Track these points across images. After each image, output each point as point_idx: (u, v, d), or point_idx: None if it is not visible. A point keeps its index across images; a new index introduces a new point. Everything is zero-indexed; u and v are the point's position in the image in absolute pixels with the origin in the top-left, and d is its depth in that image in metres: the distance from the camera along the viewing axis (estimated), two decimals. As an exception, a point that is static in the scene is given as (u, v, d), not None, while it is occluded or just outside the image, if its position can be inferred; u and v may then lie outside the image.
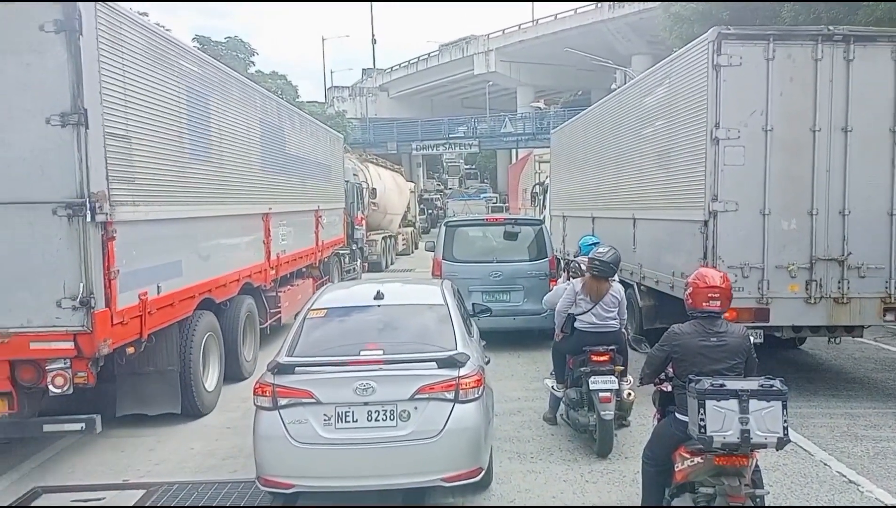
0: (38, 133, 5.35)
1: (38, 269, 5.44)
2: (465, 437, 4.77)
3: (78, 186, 5.41)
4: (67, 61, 5.32)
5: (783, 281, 7.46)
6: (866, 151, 7.47)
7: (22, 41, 5.32)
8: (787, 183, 7.48)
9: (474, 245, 11.17)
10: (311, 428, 4.67)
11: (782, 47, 7.39)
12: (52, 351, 5.46)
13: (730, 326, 4.37)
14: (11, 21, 5.32)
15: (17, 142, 5.38)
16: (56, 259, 5.44)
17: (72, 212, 5.41)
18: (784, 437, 3.84)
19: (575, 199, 14.65)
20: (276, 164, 10.65)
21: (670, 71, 8.82)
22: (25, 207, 5.42)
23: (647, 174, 9.77)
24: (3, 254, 5.41)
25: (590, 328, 6.49)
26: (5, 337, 5.41)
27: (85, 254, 5.47)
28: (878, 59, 7.46)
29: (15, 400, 5.59)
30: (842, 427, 6.83)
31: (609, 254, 6.58)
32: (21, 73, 5.34)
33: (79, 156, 5.39)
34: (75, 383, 5.54)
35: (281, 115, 11.26)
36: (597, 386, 6.05)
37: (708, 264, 7.48)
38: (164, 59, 6.87)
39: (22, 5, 5.32)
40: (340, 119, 33.39)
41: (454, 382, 4.76)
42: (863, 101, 7.43)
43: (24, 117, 5.37)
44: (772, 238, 7.47)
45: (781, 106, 7.39)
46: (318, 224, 13.47)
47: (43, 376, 5.52)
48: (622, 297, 6.64)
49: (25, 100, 5.36)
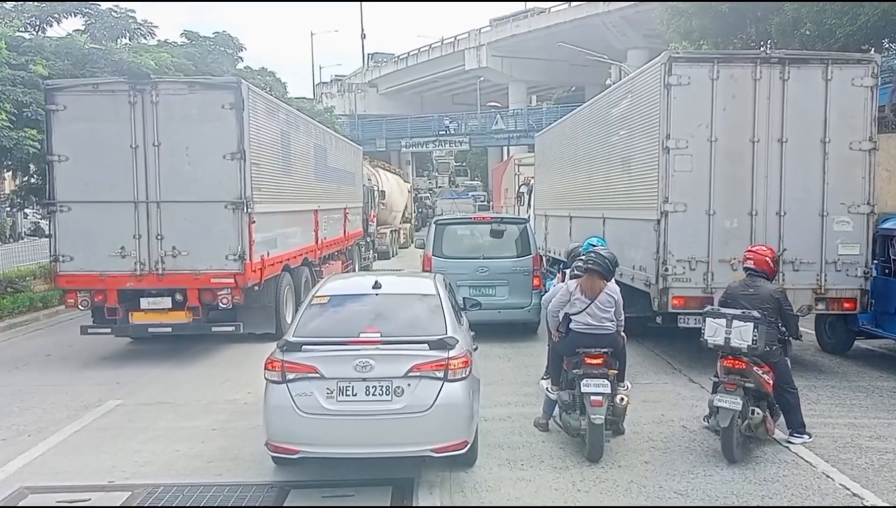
0: (219, 164, 9.44)
1: (217, 238, 9.49)
2: (452, 412, 5.22)
3: (239, 193, 9.47)
4: (235, 124, 9.41)
5: (726, 273, 8.47)
6: (800, 160, 8.53)
7: (213, 113, 9.45)
8: (730, 187, 8.53)
9: (462, 242, 11.75)
10: (315, 400, 5.14)
11: (726, 68, 8.45)
12: (222, 283, 9.51)
13: (764, 283, 6.43)
14: (209, 103, 9.49)
15: (209, 169, 9.46)
16: (226, 232, 9.50)
17: (235, 207, 9.47)
18: (753, 346, 5.84)
19: (555, 199, 15.72)
20: (322, 174, 14.66)
21: (632, 87, 9.88)
22: (212, 204, 9.48)
23: (613, 177, 10.84)
24: (200, 229, 9.50)
25: (584, 329, 6.33)
26: (198, 274, 9.51)
27: (241, 230, 9.51)
28: (810, 79, 8.50)
29: (200, 312, 9.72)
30: (845, 438, 6.51)
31: (607, 251, 6.70)
32: (212, 132, 9.46)
33: (239, 176, 9.46)
34: (234, 301, 9.59)
35: (325, 137, 15.50)
36: (588, 389, 5.94)
37: (660, 259, 8.56)
38: (271, 113, 11.06)
39: (214, 92, 9.53)
40: (329, 115, 34.03)
41: (444, 362, 5.22)
42: (797, 116, 8.49)
43: (212, 156, 9.45)
44: (716, 235, 8.53)
45: (725, 120, 8.45)
46: (346, 219, 17.22)
47: (216, 297, 9.56)
48: (619, 299, 6.47)
49: (213, 146, 9.44)
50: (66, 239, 9.53)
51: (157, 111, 9.37)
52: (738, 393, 5.88)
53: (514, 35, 49.41)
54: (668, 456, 6.08)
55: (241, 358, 10.00)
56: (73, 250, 9.50)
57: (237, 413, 7.41)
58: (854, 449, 6.23)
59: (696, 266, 8.56)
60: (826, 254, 8.58)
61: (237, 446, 6.38)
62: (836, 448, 6.26)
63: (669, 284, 8.59)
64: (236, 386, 8.48)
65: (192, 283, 9.52)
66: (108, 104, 9.43)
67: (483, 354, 8.40)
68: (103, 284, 9.51)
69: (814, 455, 6.05)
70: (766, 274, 6.55)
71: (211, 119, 9.40)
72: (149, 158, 9.38)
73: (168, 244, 9.47)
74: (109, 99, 9.44)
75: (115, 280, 9.48)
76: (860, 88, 8.42)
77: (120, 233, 9.42)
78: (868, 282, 8.65)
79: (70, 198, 9.47)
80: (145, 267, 9.46)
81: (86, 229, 9.49)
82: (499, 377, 8.79)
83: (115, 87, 9.51)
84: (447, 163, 62.88)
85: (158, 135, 9.38)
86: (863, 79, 8.40)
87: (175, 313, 9.65)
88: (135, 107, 9.36)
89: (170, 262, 9.48)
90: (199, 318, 9.69)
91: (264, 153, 10.34)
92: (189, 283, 9.52)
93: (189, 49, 26.38)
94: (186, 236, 9.47)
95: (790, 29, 15.73)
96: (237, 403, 7.80)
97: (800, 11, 15.17)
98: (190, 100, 9.45)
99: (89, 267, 9.47)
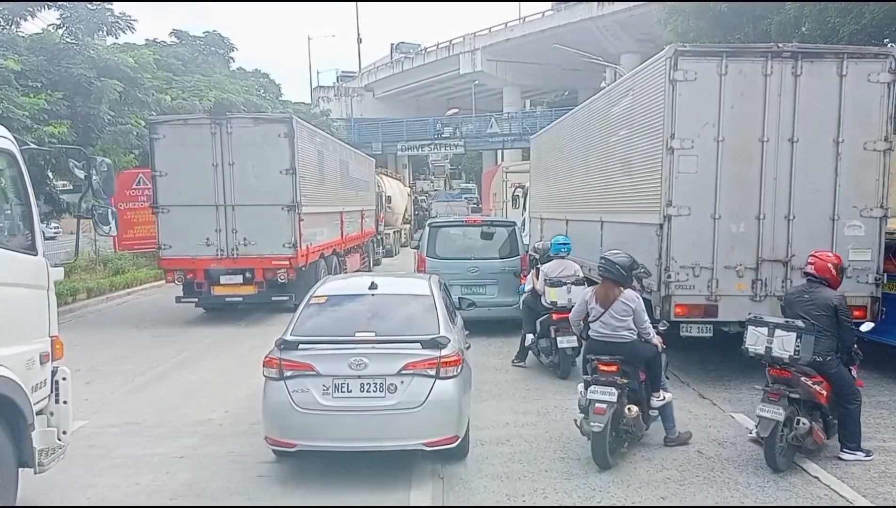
0: (277, 178, 12.80)
1: (276, 231, 12.88)
2: (444, 408, 5.43)
3: (292, 198, 12.89)
4: (288, 147, 12.80)
5: (731, 280, 8.03)
6: (811, 160, 8.03)
7: (272, 140, 12.80)
8: (737, 189, 8.03)
9: (455, 243, 12.30)
10: (311, 397, 5.35)
11: (734, 63, 7.94)
12: (280, 264, 12.95)
13: (822, 290, 5.97)
14: (269, 133, 12.85)
15: (270, 180, 12.80)
16: (283, 227, 12.91)
17: (289, 209, 12.91)
18: (795, 356, 5.54)
19: (551, 202, 15.22)
20: (345, 183, 18.26)
21: (633, 84, 9.36)
22: (272, 207, 12.88)
23: (612, 179, 10.32)
24: (264, 225, 12.86)
25: (598, 336, 6.20)
26: (263, 257, 12.92)
27: (293, 225, 12.93)
28: (823, 75, 7.99)
29: (264, 285, 13.13)
30: (878, 467, 5.88)
31: (619, 256, 6.32)
32: (272, 153, 12.75)
33: (292, 186, 12.86)
34: (288, 278, 12.98)
35: (347, 152, 19.41)
36: (594, 395, 5.81)
37: (662, 265, 8.06)
38: (312, 138, 14.57)
39: (273, 125, 12.98)
40: (325, 118, 33.65)
41: (436, 361, 5.42)
42: (809, 114, 7.99)
43: (272, 171, 12.79)
44: (721, 240, 8.03)
45: (733, 118, 7.94)
46: (363, 219, 20.82)
47: (275, 274, 12.97)
48: (637, 306, 6.15)
49: (273, 165, 12.78)
50: (166, 232, 13.05)
51: (231, 139, 12.74)
52: (781, 403, 5.63)
53: (508, 39, 49.61)
54: (685, 490, 5.48)
55: (223, 370, 9.58)
56: (172, 240, 13.01)
57: (210, 436, 6.86)
58: (890, 480, 5.63)
59: (700, 272, 8.06)
60: (837, 261, 8.09)
61: (205, 478, 5.80)
62: (870, 478, 5.66)
63: (672, 291, 8.09)
64: (214, 403, 7.97)
65: (258, 264, 12.99)
66: (195, 133, 12.79)
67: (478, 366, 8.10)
68: (193, 265, 13.03)
69: (846, 488, 5.45)
70: (828, 281, 6.07)
71: (270, 144, 12.77)
72: (226, 173, 12.80)
73: (240, 236, 12.95)
74: (196, 129, 12.84)
75: (202, 262, 12.99)
76: (876, 85, 7.91)
77: (205, 228, 12.91)
78: (879, 289, 8.17)
79: (169, 202, 12.96)
80: (224, 253, 12.95)
81: (180, 225, 12.96)
82: (496, 391, 8.31)
83: (201, 121, 13.03)
84: (442, 167, 62.96)
85: (233, 156, 12.77)
86: (879, 74, 7.90)
87: (245, 287, 13.12)
88: (215, 136, 12.76)
89: (242, 249, 12.99)
90: (262, 291, 13.17)
91: (307, 168, 13.77)
92: (256, 264, 12.99)
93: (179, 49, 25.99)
94: (254, 230, 12.93)
95: (790, 28, 15.32)
96: (211, 424, 7.24)
97: (802, 10, 14.74)
98: (255, 131, 12.91)
99: (183, 253, 13.04)
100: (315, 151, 14.58)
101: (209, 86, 21.89)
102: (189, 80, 21.71)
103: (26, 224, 4.98)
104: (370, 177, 23.43)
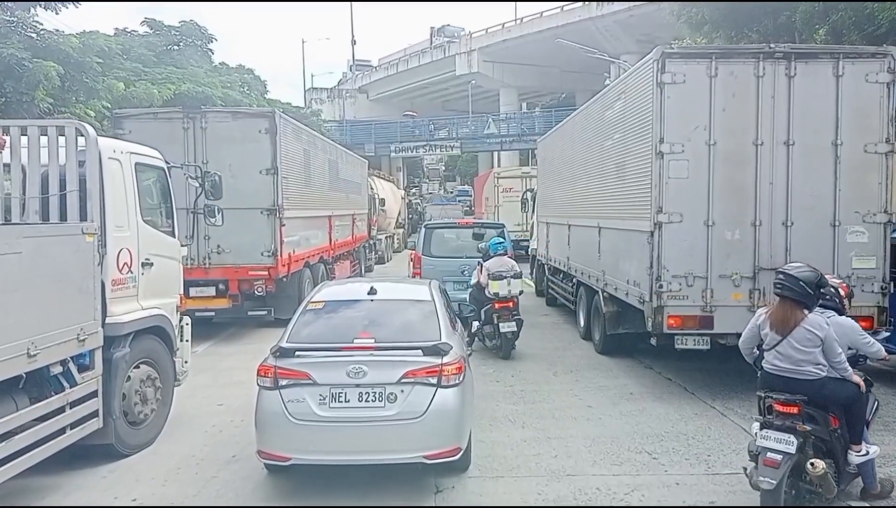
0: (257, 178, 11.60)
1: (254, 238, 11.62)
2: (445, 419, 5.20)
3: (273, 201, 11.73)
4: (270, 145, 11.68)
5: (727, 290, 7.70)
6: (809, 164, 7.72)
7: (252, 136, 11.67)
8: (731, 195, 7.72)
9: (448, 243, 13.31)
10: (307, 407, 5.10)
11: (724, 65, 7.64)
12: (257, 275, 11.64)
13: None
14: (249, 128, 11.74)
15: (250, 182, 11.47)
16: (261, 233, 11.67)
17: (269, 212, 11.70)
18: None
19: (555, 207, 14.86)
20: (334, 185, 16.85)
21: (625, 87, 9.06)
22: (250, 210, 11.50)
23: (607, 185, 10.01)
24: (242, 230, 11.38)
25: (774, 370, 4.94)
26: (238, 267, 11.63)
27: (273, 231, 11.71)
28: (819, 76, 7.70)
29: (240, 299, 11.80)
30: None
31: (802, 269, 4.95)
32: (251, 151, 11.60)
33: (273, 187, 11.70)
34: (266, 290, 11.71)
35: (337, 153, 17.80)
36: (766, 443, 4.61)
37: (654, 274, 7.74)
38: (297, 135, 13.44)
39: (253, 120, 11.93)
40: (316, 119, 33.10)
41: (437, 368, 5.20)
42: (805, 116, 7.69)
43: (251, 171, 11.55)
44: (716, 248, 7.71)
45: (724, 121, 7.63)
46: (354, 224, 19.57)
47: (252, 286, 11.65)
48: (827, 335, 4.80)
49: (252, 163, 11.59)
50: None
51: (206, 135, 11.57)
52: None
53: (505, 40, 49.16)
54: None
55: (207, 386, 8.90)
56: None
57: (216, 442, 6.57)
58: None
59: (694, 282, 7.72)
60: (839, 268, 7.67)
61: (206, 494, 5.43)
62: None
63: (664, 302, 7.76)
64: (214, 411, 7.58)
65: (232, 275, 11.71)
66: (165, 128, 11.49)
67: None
68: None
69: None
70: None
71: (250, 141, 11.64)
72: None
73: (213, 243, 11.59)
74: (166, 124, 11.61)
75: None
76: (875, 85, 7.61)
77: None
78: (886, 299, 7.83)
79: None
80: (194, 262, 11.31)
81: None
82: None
83: (172, 116, 11.88)
84: (437, 170, 62.62)
85: (207, 154, 11.41)
86: (878, 74, 7.59)
87: (218, 300, 11.71)
88: (188, 131, 11.58)
89: (215, 258, 11.67)
90: (237, 304, 11.84)
91: (292, 168, 12.66)
92: (230, 275, 11.71)
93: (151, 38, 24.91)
94: (229, 236, 11.43)
95: (820, 17, 14.47)
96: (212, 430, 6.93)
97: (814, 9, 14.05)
98: (233, 126, 11.80)
99: None
100: (301, 150, 13.46)
101: (182, 78, 20.87)
102: (161, 72, 20.71)
103: (169, 216, 7.46)
104: (362, 180, 22.16)
